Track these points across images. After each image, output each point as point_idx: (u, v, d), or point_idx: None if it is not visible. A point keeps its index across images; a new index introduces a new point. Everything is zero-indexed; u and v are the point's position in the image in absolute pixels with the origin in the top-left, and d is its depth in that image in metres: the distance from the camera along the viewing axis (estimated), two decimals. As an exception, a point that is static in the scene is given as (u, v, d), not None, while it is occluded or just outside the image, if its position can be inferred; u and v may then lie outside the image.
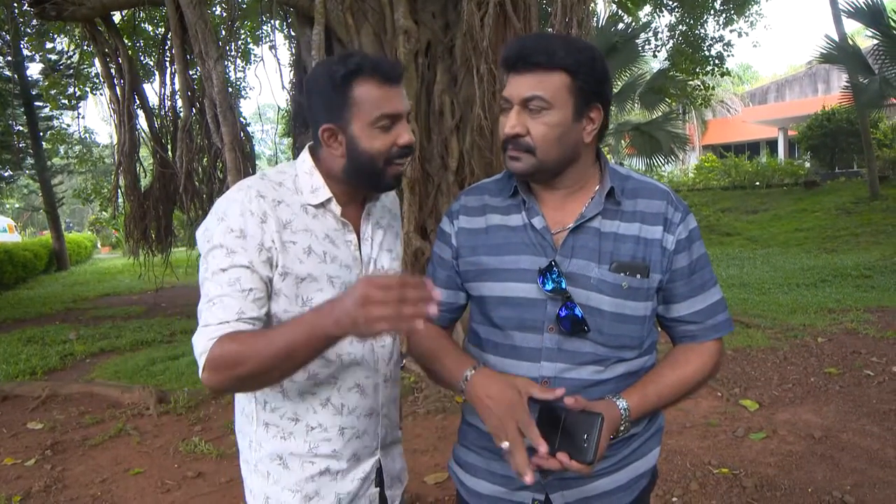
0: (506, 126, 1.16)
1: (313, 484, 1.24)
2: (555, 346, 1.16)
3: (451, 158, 5.48)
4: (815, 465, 3.11)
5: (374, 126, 1.18)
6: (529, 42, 1.15)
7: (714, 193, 17.98)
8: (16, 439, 4.05)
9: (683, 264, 1.20)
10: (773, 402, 4.04)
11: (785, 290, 8.20)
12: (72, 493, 3.22)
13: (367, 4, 5.39)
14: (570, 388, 1.13)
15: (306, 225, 1.21)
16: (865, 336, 5.51)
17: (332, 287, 1.21)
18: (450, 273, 1.30)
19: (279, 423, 1.24)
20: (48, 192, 17.10)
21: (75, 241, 20.90)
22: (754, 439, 3.45)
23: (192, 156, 5.51)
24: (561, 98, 1.12)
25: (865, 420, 3.65)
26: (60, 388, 5.02)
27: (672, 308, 1.23)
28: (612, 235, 1.17)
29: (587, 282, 1.15)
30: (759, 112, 26.29)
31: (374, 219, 1.33)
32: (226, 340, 1.05)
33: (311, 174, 1.24)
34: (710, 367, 1.23)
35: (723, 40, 13.23)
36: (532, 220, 1.20)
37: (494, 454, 1.22)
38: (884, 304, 6.85)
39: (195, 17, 5.09)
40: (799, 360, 4.90)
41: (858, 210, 13.61)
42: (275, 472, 1.25)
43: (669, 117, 12.35)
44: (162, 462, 3.56)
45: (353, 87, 1.16)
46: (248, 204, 1.15)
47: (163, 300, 10.57)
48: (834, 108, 16.68)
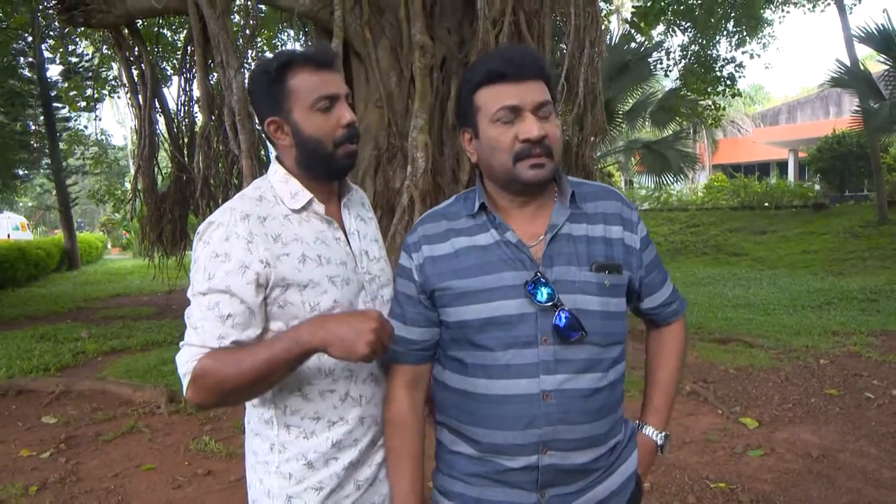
0: (531, 130, 1.15)
1: (337, 477, 1.29)
2: (552, 358, 1.17)
3: (463, 172, 5.58)
4: (812, 483, 3.17)
5: (313, 109, 1.24)
6: (517, 54, 1.20)
7: (723, 213, 18.02)
8: (31, 433, 4.16)
9: (651, 257, 1.32)
10: (773, 420, 4.10)
11: (790, 311, 8.24)
12: (86, 485, 3.32)
13: (385, 19, 5.52)
14: (569, 398, 1.17)
15: (295, 234, 1.25)
16: (868, 359, 5.55)
17: (334, 287, 1.26)
18: (419, 310, 1.28)
19: (300, 424, 1.28)
20: (63, 191, 17.35)
21: (87, 241, 21.14)
22: (752, 456, 3.51)
23: (210, 161, 5.63)
24: (552, 104, 1.20)
25: (864, 441, 3.71)
26: (73, 385, 5.14)
27: (656, 296, 1.35)
28: (584, 238, 1.22)
29: (572, 286, 1.18)
30: (769, 133, 26.32)
31: (355, 213, 1.39)
32: (208, 359, 1.12)
33: (286, 181, 1.29)
34: (684, 338, 1.42)
35: (734, 61, 13.33)
36: (504, 235, 1.21)
37: (486, 480, 1.23)
38: (888, 328, 6.88)
39: (217, 27, 5.23)
40: (800, 381, 4.96)
41: (866, 234, 13.62)
42: (298, 473, 1.28)
43: (679, 136, 12.46)
44: (173, 459, 3.65)
45: (288, 77, 1.23)
46: (233, 227, 1.19)
47: (173, 302, 10.68)
48: (844, 132, 16.72)
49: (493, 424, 1.19)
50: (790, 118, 28.67)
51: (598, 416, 1.21)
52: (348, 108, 1.28)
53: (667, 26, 13.26)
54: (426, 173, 4.99)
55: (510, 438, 1.18)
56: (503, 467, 1.21)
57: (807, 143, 21.35)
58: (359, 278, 1.33)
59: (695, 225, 17.20)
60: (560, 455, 1.19)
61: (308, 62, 1.24)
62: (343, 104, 1.27)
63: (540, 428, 1.16)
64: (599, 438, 1.23)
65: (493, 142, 1.19)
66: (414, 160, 4.85)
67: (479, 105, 1.20)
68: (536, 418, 1.16)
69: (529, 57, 1.19)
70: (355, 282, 1.31)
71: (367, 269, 1.36)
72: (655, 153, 11.72)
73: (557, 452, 1.19)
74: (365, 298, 1.33)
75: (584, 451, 1.21)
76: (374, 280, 1.37)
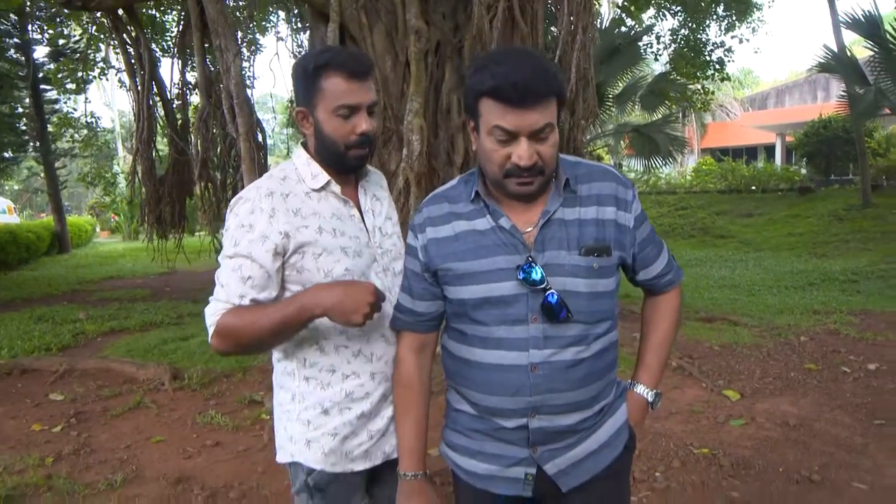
0: (522, 158, 1.19)
1: (351, 426, 1.47)
2: (540, 335, 1.26)
3: (457, 155, 5.69)
4: (789, 448, 3.37)
5: (334, 114, 1.39)
6: (524, 77, 1.16)
7: (710, 196, 18.25)
8: (39, 409, 4.29)
9: (646, 233, 1.38)
10: (755, 393, 4.30)
11: (774, 291, 8.47)
12: (100, 456, 3.46)
13: (381, 4, 5.59)
14: (555, 370, 1.27)
15: (314, 209, 1.42)
16: (846, 336, 5.77)
17: (346, 256, 1.43)
18: (424, 285, 1.39)
19: (318, 375, 1.46)
20: (52, 174, 17.27)
21: (76, 224, 21.04)
22: (734, 425, 3.71)
23: (208, 144, 5.72)
24: (555, 118, 1.23)
25: (838, 411, 3.92)
26: (77, 364, 5.25)
27: (650, 269, 1.42)
28: (575, 222, 1.28)
29: (562, 269, 1.26)
30: (758, 117, 26.53)
31: (371, 193, 1.56)
32: (229, 316, 1.33)
33: (308, 164, 1.46)
34: (679, 304, 1.50)
35: (724, 46, 13.46)
36: (499, 221, 1.28)
37: (485, 436, 1.36)
38: (867, 307, 7.12)
39: (216, 12, 5.30)
40: (781, 357, 5.17)
41: (850, 217, 13.89)
42: (315, 420, 1.46)
43: (669, 120, 12.58)
44: (181, 432, 3.80)
45: (322, 77, 1.37)
46: (258, 202, 1.38)
47: (167, 284, 10.79)
48: (830, 117, 16.93)
49: (486, 389, 1.31)
50: (778, 102, 28.88)
51: (583, 383, 1.30)
52: (366, 119, 1.41)
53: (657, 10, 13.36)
54: (421, 156, 5.10)
55: (502, 403, 1.30)
56: (498, 426, 1.32)
57: (794, 127, 21.58)
58: (371, 251, 1.49)
59: (683, 208, 17.42)
60: (548, 418, 1.30)
61: (342, 68, 1.37)
62: (362, 114, 1.41)
63: (528, 396, 1.27)
64: (585, 403, 1.32)
65: (487, 152, 1.24)
66: (409, 143, 4.96)
67: (480, 111, 1.23)
68: (524, 387, 1.26)
69: (538, 79, 1.17)
70: (367, 254, 1.48)
71: (380, 244, 1.52)
72: (645, 136, 11.86)
73: (545, 416, 1.29)
74: (377, 269, 1.50)
75: (570, 414, 1.31)
76: (387, 254, 1.53)
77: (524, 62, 1.17)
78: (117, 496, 2.97)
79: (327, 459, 1.46)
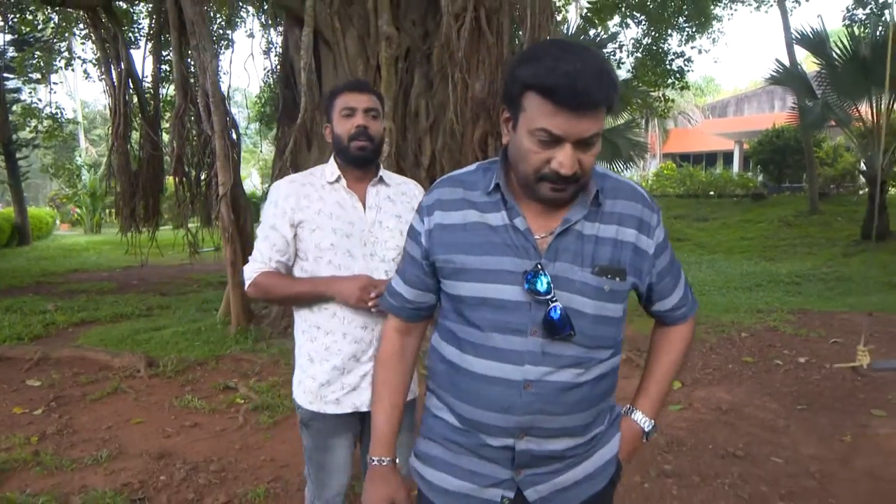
0: (563, 166, 1.09)
1: (326, 375, 1.82)
2: (538, 350, 1.16)
3: (424, 157, 5.98)
4: (719, 429, 3.76)
5: (341, 115, 1.83)
6: (589, 79, 1.03)
7: (669, 200, 18.92)
8: (18, 394, 4.43)
9: (666, 262, 1.28)
10: (694, 382, 4.70)
11: (723, 292, 8.97)
12: (83, 436, 3.65)
13: (354, 10, 5.84)
14: (550, 390, 1.17)
15: (321, 196, 1.83)
16: (783, 333, 6.24)
17: (334, 235, 1.80)
18: (418, 273, 1.31)
19: (307, 330, 1.86)
20: (13, 165, 16.98)
21: (37, 216, 20.61)
22: (672, 410, 4.09)
23: (183, 141, 5.89)
24: (603, 125, 1.12)
25: (767, 398, 4.33)
26: (51, 352, 5.37)
27: (666, 302, 1.33)
28: (592, 238, 1.18)
29: (571, 285, 1.16)
30: (717, 125, 27.44)
31: (385, 195, 1.89)
32: (266, 276, 1.80)
33: (331, 164, 1.90)
34: (691, 337, 1.42)
35: (684, 56, 14.02)
36: (514, 220, 1.18)
37: (465, 449, 1.25)
38: (805, 307, 7.65)
39: (194, 13, 5.48)
40: (722, 351, 5.60)
41: (798, 223, 14.63)
42: (304, 366, 1.87)
43: (630, 126, 13.10)
44: (159, 415, 4.00)
45: (335, 99, 1.86)
46: (283, 188, 1.86)
47: (133, 278, 10.80)
48: (783, 127, 17.74)
49: (473, 401, 1.21)
50: (738, 110, 29.84)
51: (577, 408, 1.21)
52: (363, 117, 1.83)
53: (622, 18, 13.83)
54: (390, 157, 5.36)
55: (489, 419, 1.20)
56: (482, 442, 1.23)
57: (751, 135, 22.43)
58: (362, 236, 1.83)
59: (643, 211, 17.94)
60: (536, 441, 1.21)
61: (346, 87, 1.88)
62: (359, 113, 1.83)
63: (518, 415, 1.18)
64: (578, 430, 1.24)
65: (523, 151, 1.12)
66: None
67: (524, 106, 1.10)
68: (515, 404, 1.17)
69: (600, 85, 1.05)
70: (357, 237, 1.83)
71: (374, 233, 1.85)
72: (607, 141, 12.30)
73: (534, 439, 1.21)
74: (365, 252, 1.83)
75: (561, 439, 1.23)
76: (378, 242, 1.85)
77: (588, 63, 1.04)
78: (104, 469, 3.18)
79: (306, 398, 1.85)
